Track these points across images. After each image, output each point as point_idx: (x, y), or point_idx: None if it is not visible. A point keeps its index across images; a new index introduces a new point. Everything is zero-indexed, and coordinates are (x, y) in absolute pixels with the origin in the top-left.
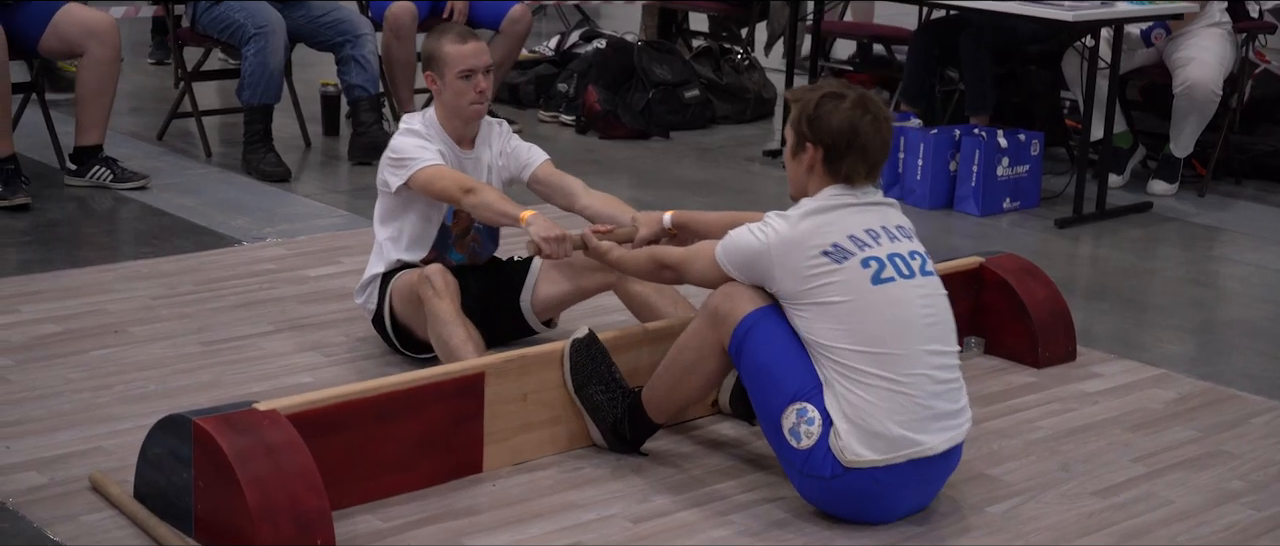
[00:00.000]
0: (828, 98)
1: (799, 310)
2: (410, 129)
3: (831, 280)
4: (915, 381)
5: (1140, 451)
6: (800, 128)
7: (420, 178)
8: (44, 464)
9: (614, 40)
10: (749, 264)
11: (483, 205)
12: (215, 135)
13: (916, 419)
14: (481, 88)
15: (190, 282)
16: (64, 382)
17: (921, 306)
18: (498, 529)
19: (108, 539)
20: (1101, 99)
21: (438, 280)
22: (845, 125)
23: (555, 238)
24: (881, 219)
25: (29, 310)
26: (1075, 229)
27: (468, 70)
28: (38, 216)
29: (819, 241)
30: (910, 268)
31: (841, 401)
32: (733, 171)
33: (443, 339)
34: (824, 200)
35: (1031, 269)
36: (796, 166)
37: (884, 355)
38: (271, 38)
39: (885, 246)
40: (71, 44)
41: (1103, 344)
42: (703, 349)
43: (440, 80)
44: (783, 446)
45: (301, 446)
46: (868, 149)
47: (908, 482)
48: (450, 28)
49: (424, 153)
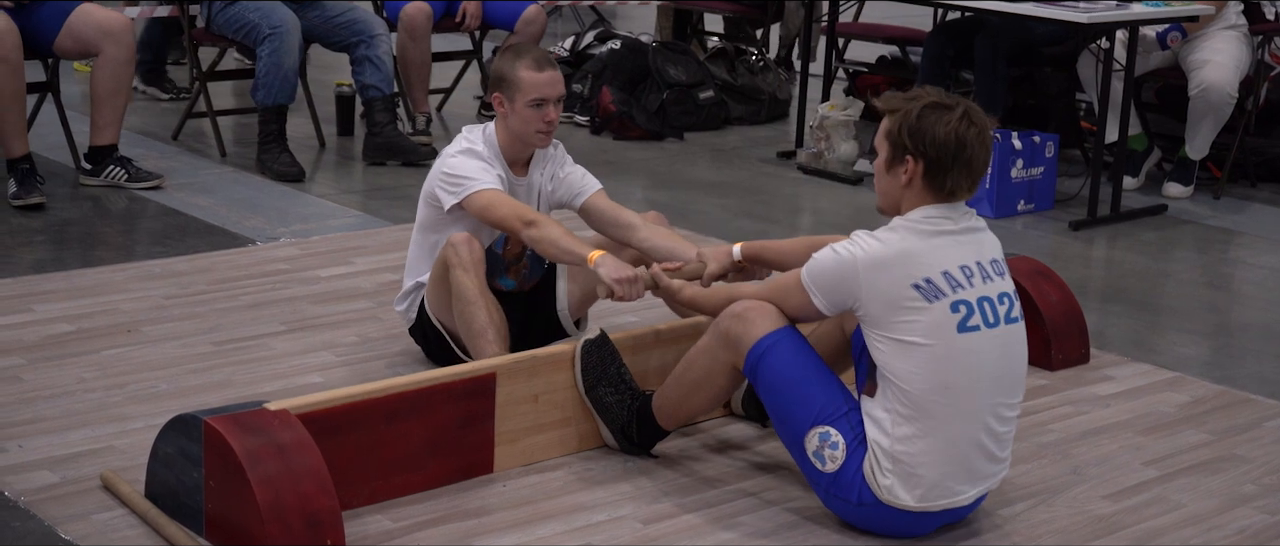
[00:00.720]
0: (931, 108)
1: (879, 339)
2: (472, 148)
3: (917, 319)
4: (971, 432)
5: (1152, 455)
6: (900, 139)
7: (478, 201)
8: (56, 462)
9: (629, 41)
10: (836, 285)
11: (546, 241)
12: (230, 135)
13: (961, 470)
14: (551, 118)
15: (203, 282)
16: (76, 382)
17: (997, 358)
18: (507, 529)
19: (118, 537)
20: (1117, 101)
21: (464, 250)
22: (951, 137)
23: (628, 279)
24: (977, 251)
25: (42, 309)
26: (1090, 231)
27: (540, 99)
28: (52, 216)
29: (913, 272)
30: (996, 314)
31: (892, 441)
32: (747, 172)
33: (466, 319)
34: (922, 224)
35: (1045, 271)
36: (892, 181)
37: (948, 405)
38: (286, 38)
39: (977, 288)
40: (86, 44)
41: (1116, 347)
42: (713, 367)
43: (509, 104)
44: (807, 466)
45: (312, 446)
46: (973, 163)
47: (934, 519)
48: (526, 50)
49: (485, 175)
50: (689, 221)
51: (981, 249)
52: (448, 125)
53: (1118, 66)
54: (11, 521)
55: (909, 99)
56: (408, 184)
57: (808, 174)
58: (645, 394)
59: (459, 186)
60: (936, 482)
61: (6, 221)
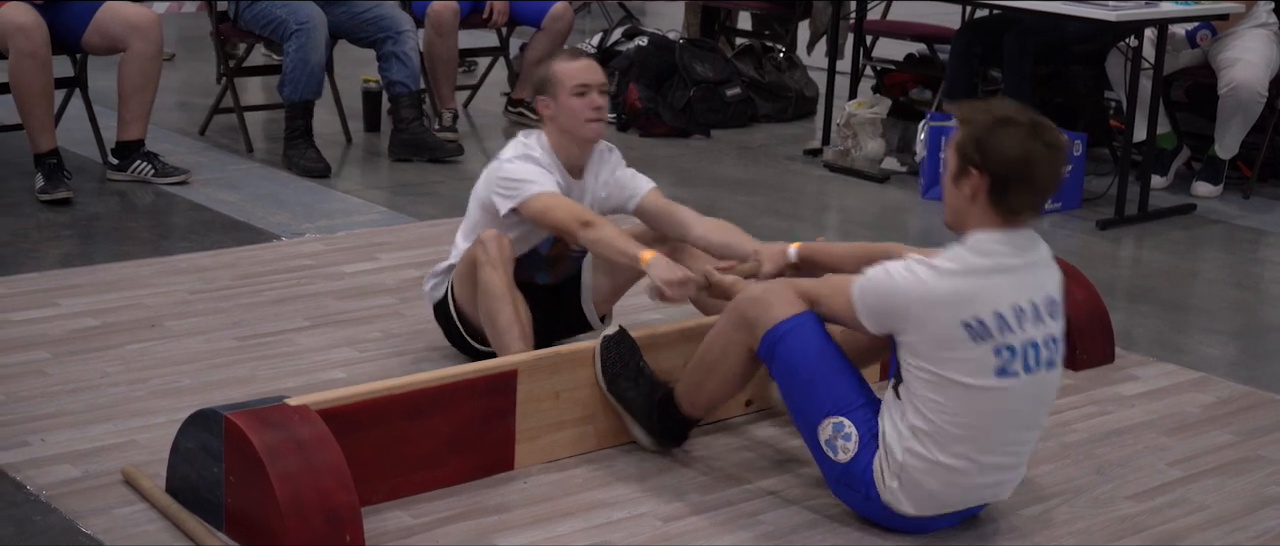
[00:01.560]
0: (1002, 122)
1: (918, 371)
2: (529, 155)
3: (960, 357)
4: (988, 462)
5: (1177, 455)
6: (967, 152)
7: (535, 205)
8: (78, 456)
9: (656, 38)
10: (887, 311)
11: (602, 241)
12: (258, 131)
13: (963, 494)
14: (598, 104)
15: (228, 277)
16: (100, 376)
17: (1025, 402)
18: (527, 527)
19: (139, 532)
20: (1145, 100)
21: (493, 247)
22: (1019, 154)
23: (678, 281)
24: (1033, 290)
25: (68, 304)
26: (1117, 230)
27: (583, 85)
28: (79, 210)
29: (965, 312)
30: (1037, 360)
31: (905, 454)
32: (773, 170)
33: (491, 315)
34: (978, 258)
35: (1070, 270)
36: (957, 193)
37: (970, 440)
38: (313, 34)
39: (1027, 331)
40: (114, 39)
41: (1142, 347)
42: (728, 348)
43: (554, 102)
44: (820, 455)
45: (332, 442)
46: (1039, 182)
47: (937, 519)
48: (556, 52)
49: (544, 179)
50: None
51: (1040, 286)
52: (474, 122)
53: (1146, 65)
54: (33, 515)
55: (983, 109)
56: (433, 180)
57: (834, 172)
58: (667, 385)
59: (516, 190)
60: (937, 497)
61: (34, 216)
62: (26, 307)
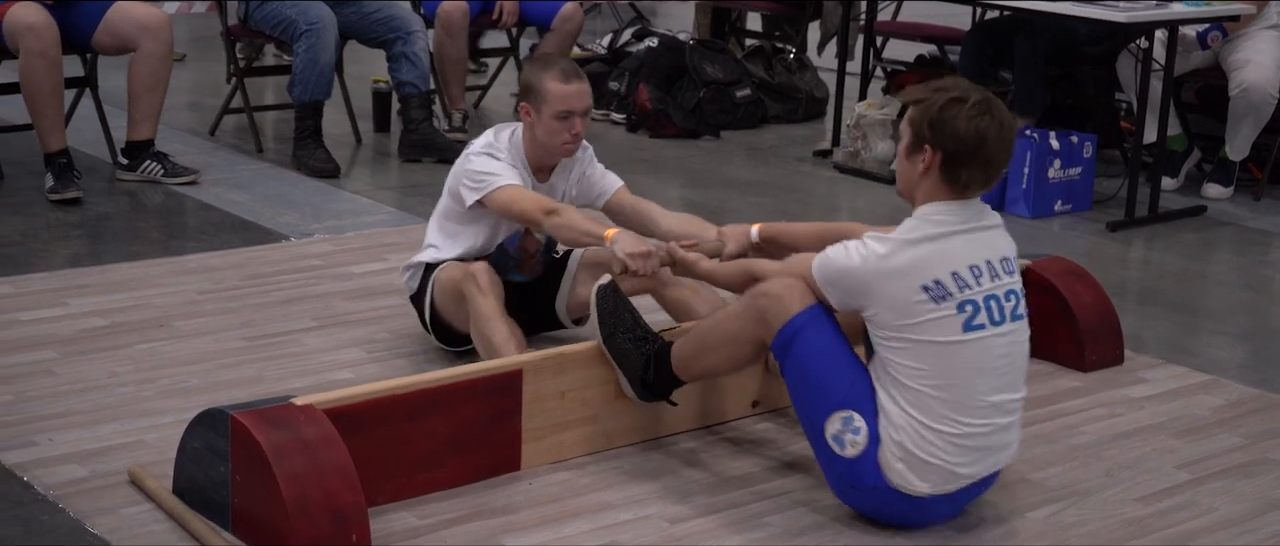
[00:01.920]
0: (954, 101)
1: (887, 340)
2: (491, 153)
3: (927, 318)
4: (975, 425)
5: (1185, 458)
6: (920, 130)
7: (499, 197)
8: (85, 456)
9: (666, 38)
10: (845, 285)
11: (566, 226)
12: (268, 131)
13: (969, 457)
14: (577, 130)
15: (236, 277)
16: (108, 376)
17: (999, 356)
18: (534, 527)
19: (145, 532)
20: (1156, 101)
21: (483, 278)
22: (971, 132)
23: (641, 253)
24: (987, 250)
25: (76, 303)
26: (1127, 232)
27: (567, 111)
28: (89, 210)
29: (921, 276)
30: (1002, 313)
31: (902, 432)
32: (783, 171)
33: (485, 335)
34: (930, 227)
35: (1078, 272)
36: (910, 167)
37: (953, 399)
38: (323, 34)
39: (985, 286)
40: (124, 39)
41: (1152, 349)
42: (740, 336)
43: (536, 114)
44: (824, 450)
45: (338, 442)
46: (991, 159)
47: (946, 501)
48: (555, 62)
49: (508, 173)
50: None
51: (992, 247)
52: (484, 122)
53: (1157, 66)
54: (40, 515)
55: (934, 89)
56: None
57: (844, 173)
58: (660, 339)
59: (481, 183)
60: (943, 468)
61: (44, 216)
62: (35, 307)
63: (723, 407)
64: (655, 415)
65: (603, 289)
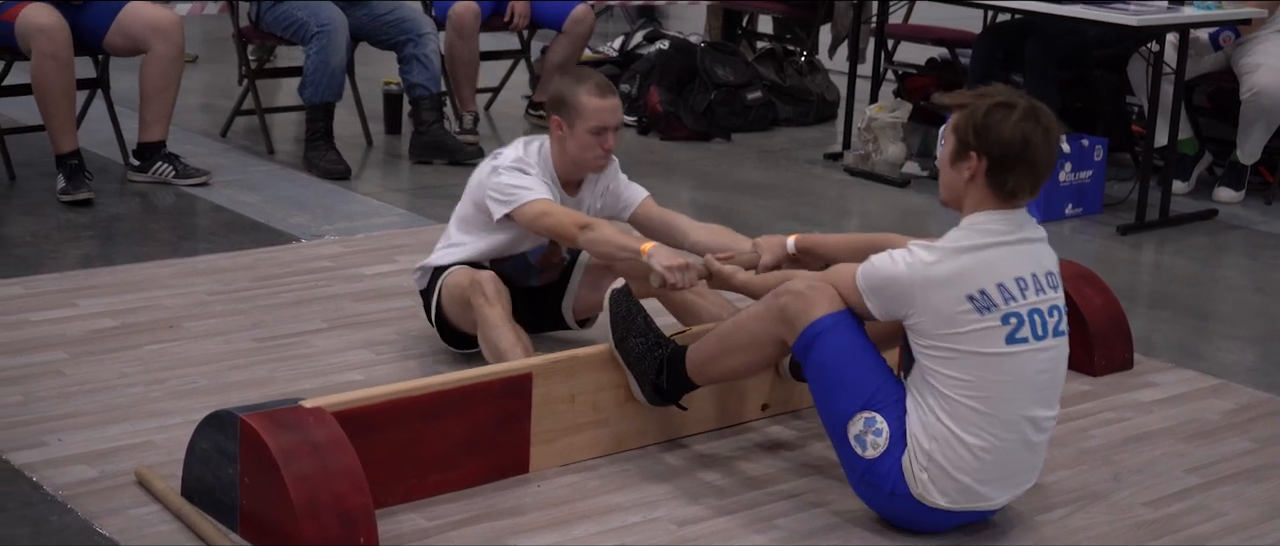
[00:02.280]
0: (998, 106)
1: (928, 349)
2: (521, 168)
3: (969, 329)
4: (1008, 441)
5: (1195, 462)
6: (965, 136)
7: (530, 211)
8: (94, 457)
9: (677, 41)
10: (890, 293)
11: (601, 241)
12: (280, 133)
13: (993, 477)
14: (609, 145)
15: (246, 279)
16: (117, 376)
17: (1039, 371)
18: (542, 529)
19: (154, 532)
20: (1167, 104)
21: (489, 288)
22: (1016, 137)
23: (680, 267)
24: (1033, 262)
25: (86, 304)
26: (1138, 236)
27: (601, 127)
28: (100, 211)
29: (967, 286)
30: (1045, 327)
31: (932, 442)
32: (794, 174)
33: (493, 342)
34: (978, 236)
35: (1088, 275)
36: (955, 175)
37: (989, 412)
38: (334, 36)
39: (1030, 299)
40: (136, 41)
41: (1162, 353)
42: (761, 336)
43: (568, 128)
44: (846, 451)
45: (346, 444)
46: (1037, 164)
47: (958, 517)
48: (588, 75)
49: (538, 187)
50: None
51: (1038, 260)
52: (495, 124)
53: (1168, 69)
54: (49, 515)
55: (978, 95)
56: (453, 183)
57: (854, 176)
58: (672, 343)
59: (511, 197)
60: (969, 487)
61: (55, 217)
62: (46, 308)
63: (733, 411)
64: (665, 418)
65: (616, 293)
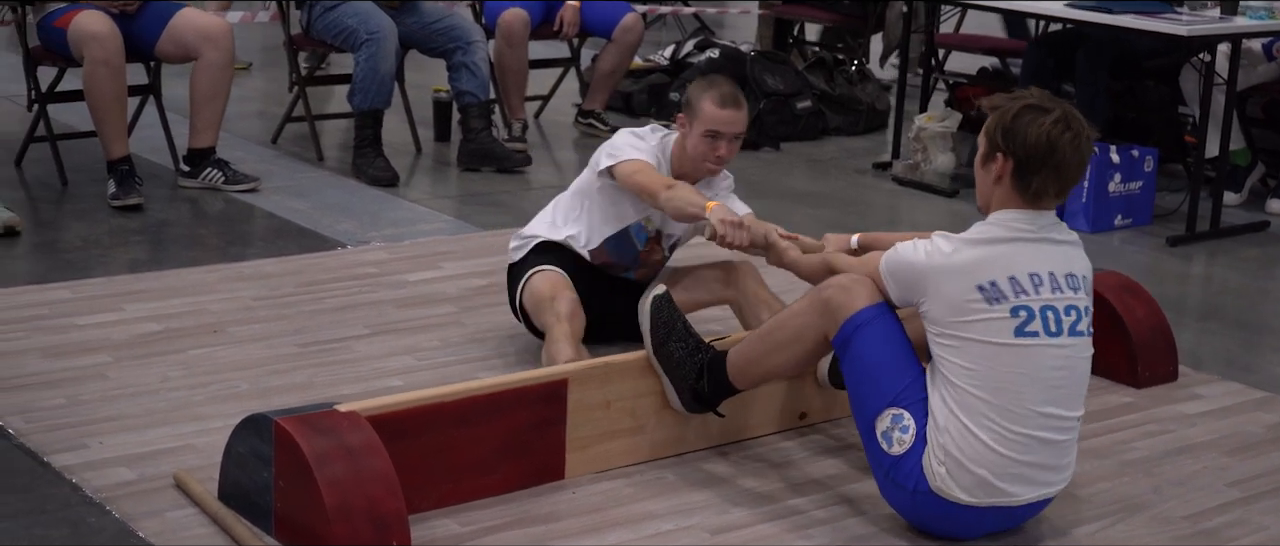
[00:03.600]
0: (1029, 109)
1: (940, 337)
2: (637, 137)
3: (977, 318)
4: (1021, 438)
5: (1237, 476)
6: (994, 137)
7: (627, 167)
8: (134, 460)
9: (728, 50)
10: (906, 279)
11: (678, 198)
12: (330, 140)
13: (1012, 472)
14: (721, 153)
15: (291, 284)
16: (160, 380)
17: (1053, 367)
18: (575, 536)
19: (190, 535)
20: (1218, 115)
21: (564, 307)
22: (1042, 140)
23: (733, 223)
24: (1052, 262)
25: (133, 309)
26: (1188, 247)
27: (714, 131)
28: (150, 217)
29: (978, 276)
30: (1060, 325)
31: (946, 435)
32: (843, 183)
33: (551, 355)
34: (998, 230)
35: (1132, 286)
36: (985, 176)
37: (998, 404)
38: (383, 43)
39: (1044, 296)
40: (187, 48)
41: (1210, 365)
42: (804, 331)
43: (690, 128)
44: (874, 447)
45: (380, 449)
46: (1062, 168)
47: (988, 517)
48: (719, 84)
49: (647, 156)
50: None
51: (1061, 261)
52: (544, 132)
53: (1220, 80)
54: (87, 517)
55: (1012, 99)
56: (501, 190)
57: (903, 185)
58: (711, 348)
59: (617, 152)
60: (986, 481)
61: (106, 222)
62: (92, 312)
63: (771, 419)
64: (701, 427)
65: (657, 298)
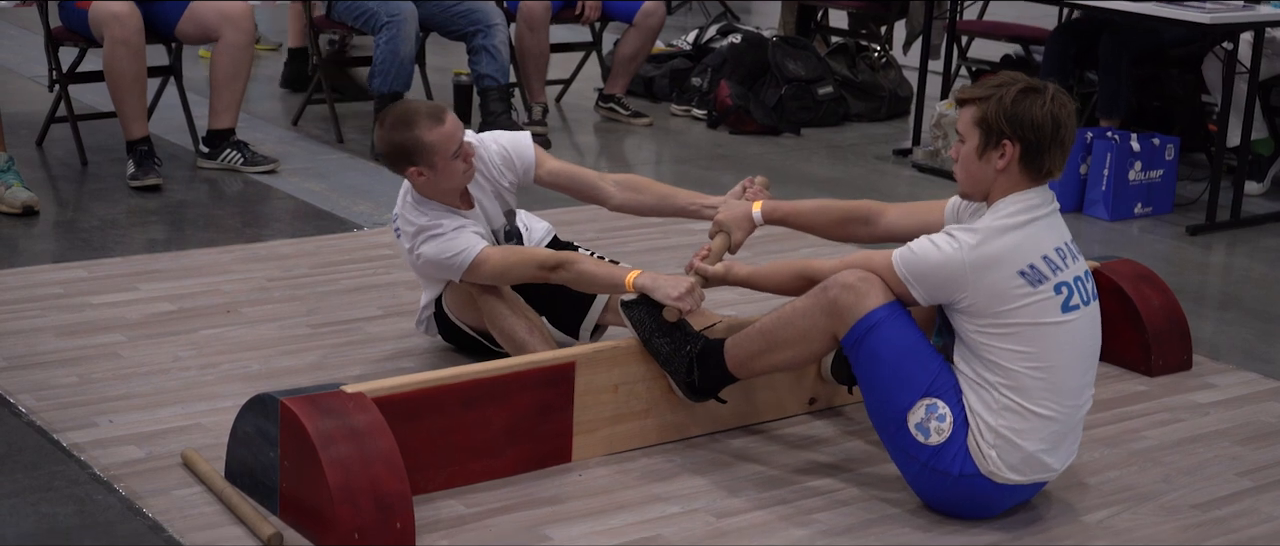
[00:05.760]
0: (1024, 92)
1: (985, 328)
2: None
3: (1026, 302)
4: (1069, 409)
5: (1248, 465)
6: (996, 125)
7: (486, 271)
8: (143, 438)
9: (750, 35)
10: (937, 280)
11: (580, 278)
12: (351, 123)
13: (1056, 444)
14: (470, 155)
15: (306, 266)
16: (172, 360)
17: (1090, 336)
18: (580, 519)
19: (197, 514)
20: (1240, 104)
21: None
22: (1048, 119)
23: (686, 292)
24: (1062, 233)
25: (147, 288)
26: (1208, 236)
27: (459, 149)
28: (168, 197)
29: (1017, 262)
30: (1086, 293)
31: (994, 418)
32: (863, 169)
33: (507, 333)
34: (1017, 215)
35: (1148, 275)
36: (984, 166)
37: (1054, 383)
38: (403, 26)
39: (1071, 268)
40: (207, 29)
41: (1228, 355)
42: (811, 332)
43: (431, 170)
44: (905, 440)
45: (385, 429)
46: (1066, 141)
47: (1022, 492)
48: (411, 114)
49: (460, 236)
50: None
51: (1063, 231)
52: (565, 116)
53: (1242, 68)
54: (94, 495)
55: (997, 85)
56: None
57: (923, 172)
58: (702, 337)
59: (454, 263)
60: (1034, 456)
61: (124, 202)
62: (107, 291)
63: (779, 405)
64: (708, 411)
65: (628, 303)
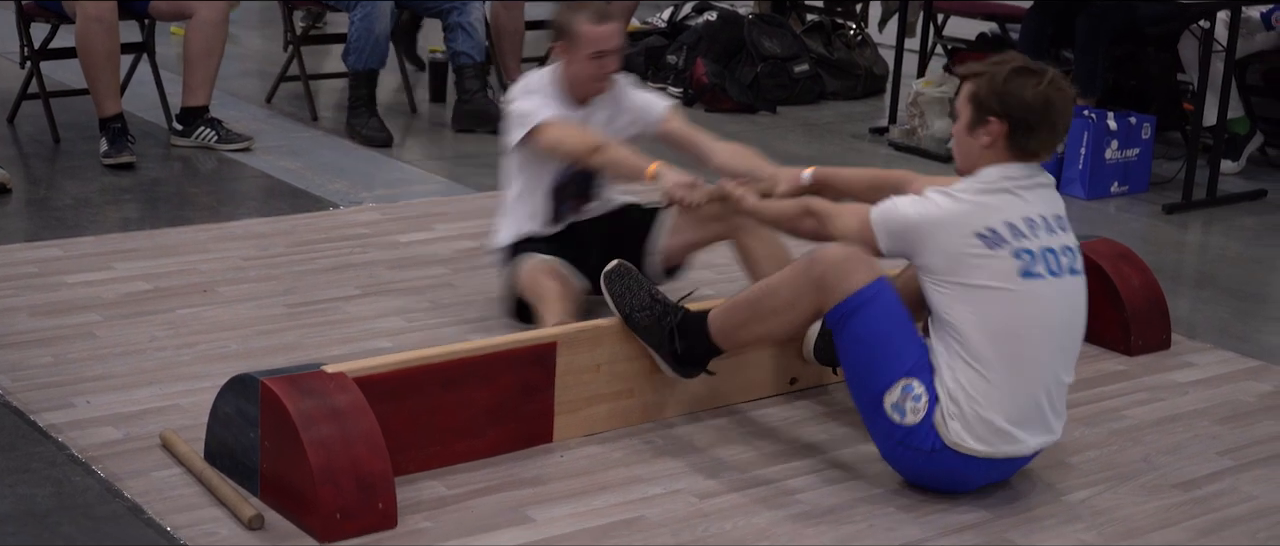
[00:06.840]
0: (1018, 71)
1: (939, 287)
2: (528, 89)
3: (979, 264)
4: (1033, 382)
5: (1228, 444)
6: (985, 102)
7: (544, 139)
8: (121, 419)
9: (725, 13)
10: (903, 234)
11: (611, 162)
12: (325, 100)
13: (1024, 418)
14: (609, 69)
15: (282, 245)
16: (148, 340)
17: (1061, 309)
18: (562, 499)
19: (176, 495)
20: (1217, 83)
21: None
22: (1039, 100)
23: (686, 184)
24: (1043, 205)
25: (122, 267)
26: (1184, 215)
27: (600, 52)
28: (141, 175)
29: (975, 224)
30: (1060, 265)
31: (954, 385)
32: (839, 147)
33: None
34: (990, 181)
35: (1126, 254)
36: (972, 142)
37: (1012, 352)
38: (378, 3)
39: (1042, 239)
40: (181, 6)
41: (1204, 334)
42: (796, 304)
43: (570, 54)
44: (881, 420)
45: (367, 410)
46: (1057, 124)
47: (996, 468)
48: (586, 4)
49: (544, 108)
50: None
51: (1048, 203)
52: None
53: (1219, 47)
54: (72, 476)
55: (995, 63)
56: (495, 152)
57: (899, 150)
58: (682, 309)
59: (525, 121)
60: (1001, 428)
61: (97, 180)
62: (82, 270)
63: (760, 385)
64: (690, 391)
65: (609, 272)
